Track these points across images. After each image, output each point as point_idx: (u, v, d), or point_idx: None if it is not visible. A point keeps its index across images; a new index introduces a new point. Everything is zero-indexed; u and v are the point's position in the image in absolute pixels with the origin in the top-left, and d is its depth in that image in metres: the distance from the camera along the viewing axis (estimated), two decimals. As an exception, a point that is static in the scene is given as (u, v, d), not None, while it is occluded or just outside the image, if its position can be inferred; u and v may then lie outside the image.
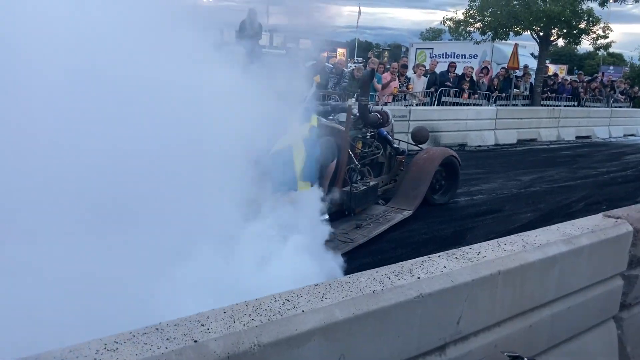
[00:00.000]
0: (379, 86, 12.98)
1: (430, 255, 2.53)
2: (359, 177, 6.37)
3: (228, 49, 5.16)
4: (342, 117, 6.42)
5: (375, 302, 2.07)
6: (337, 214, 5.83)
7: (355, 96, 7.71)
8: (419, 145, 8.04)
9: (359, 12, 41.60)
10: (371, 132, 6.87)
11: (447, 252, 2.59)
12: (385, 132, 7.20)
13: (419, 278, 2.27)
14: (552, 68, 21.60)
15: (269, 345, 1.74)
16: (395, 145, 7.46)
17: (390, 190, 7.29)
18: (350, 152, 6.20)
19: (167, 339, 1.62)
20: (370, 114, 6.65)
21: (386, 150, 7.21)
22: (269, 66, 4.93)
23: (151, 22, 3.83)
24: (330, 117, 6.51)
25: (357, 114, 6.52)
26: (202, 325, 1.72)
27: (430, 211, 7.22)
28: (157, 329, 1.67)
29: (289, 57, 6.11)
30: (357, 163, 6.33)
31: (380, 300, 2.09)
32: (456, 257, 2.53)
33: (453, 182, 7.83)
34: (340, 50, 38.48)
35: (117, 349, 1.55)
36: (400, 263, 2.41)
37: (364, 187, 6.25)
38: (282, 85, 4.83)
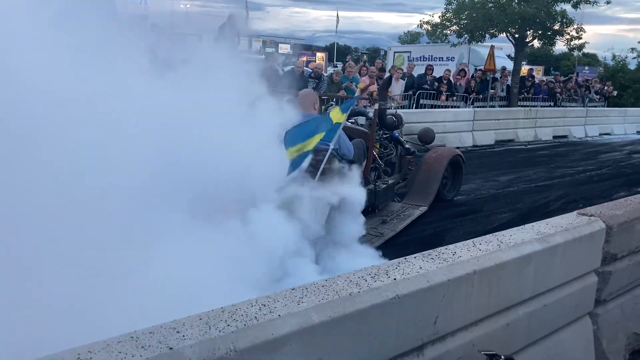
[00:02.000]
0: (358, 90, 13.04)
1: (406, 257, 2.55)
2: (378, 177, 6.81)
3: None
4: (360, 119, 7.10)
5: (352, 304, 2.09)
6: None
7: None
8: (426, 145, 8.53)
9: (337, 17, 41.77)
10: (385, 133, 7.28)
11: (423, 253, 2.61)
12: (397, 134, 7.59)
13: (395, 279, 2.29)
14: (526, 69, 21.85)
15: (245, 351, 1.74)
16: (407, 146, 7.82)
17: (401, 188, 7.63)
18: (375, 153, 6.64)
19: (142, 347, 1.62)
20: (386, 117, 7.01)
21: (397, 151, 7.60)
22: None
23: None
24: (351, 121, 6.97)
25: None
26: (178, 332, 1.72)
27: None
28: (131, 337, 1.66)
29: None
30: (381, 163, 6.83)
31: (357, 302, 2.10)
32: (432, 258, 2.55)
33: (458, 179, 8.37)
34: (319, 55, 38.63)
35: (90, 358, 1.54)
36: (376, 265, 2.43)
37: (385, 185, 6.66)
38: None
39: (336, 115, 5.05)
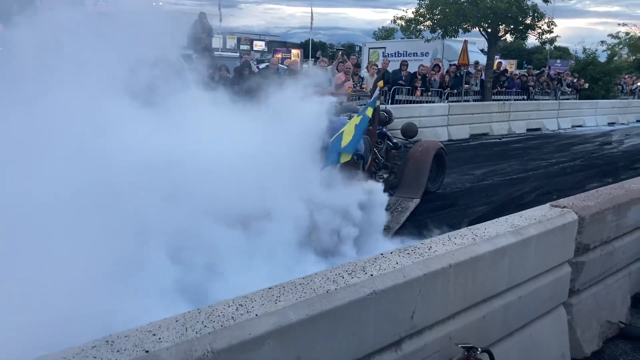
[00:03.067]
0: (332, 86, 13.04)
1: (382, 253, 2.57)
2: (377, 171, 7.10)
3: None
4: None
5: (329, 301, 2.09)
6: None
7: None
8: (409, 140, 8.72)
9: (312, 13, 41.70)
10: (377, 129, 7.38)
11: (399, 248, 2.63)
12: (384, 129, 7.82)
13: (372, 275, 2.30)
14: (502, 63, 22.15)
15: (223, 351, 1.74)
16: (395, 141, 8.04)
17: (387, 181, 7.71)
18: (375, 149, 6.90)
19: (118, 351, 1.60)
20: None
21: (384, 145, 7.81)
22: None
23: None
24: (344, 116, 7.08)
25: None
26: (154, 334, 1.71)
27: (386, 208, 7.34)
28: (107, 341, 1.64)
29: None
30: (381, 158, 7.12)
31: (334, 299, 2.11)
32: (408, 253, 2.57)
33: (442, 171, 8.64)
34: (294, 52, 38.54)
35: (65, 364, 1.52)
36: (353, 261, 2.44)
37: (382, 180, 6.89)
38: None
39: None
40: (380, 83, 6.74)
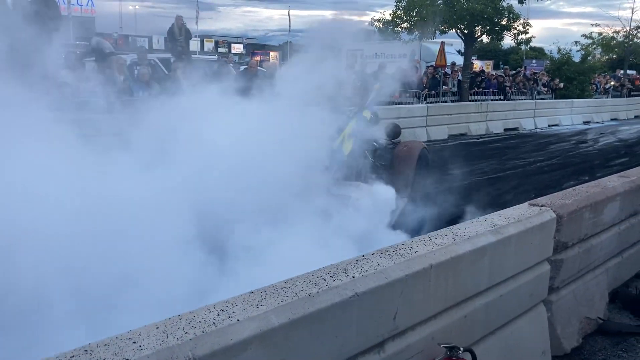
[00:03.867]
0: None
1: (364, 254, 2.56)
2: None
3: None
4: None
5: (312, 304, 2.08)
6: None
7: None
8: (393, 140, 8.56)
9: (289, 16, 41.70)
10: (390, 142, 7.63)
11: (380, 249, 2.63)
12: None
13: (353, 277, 2.30)
14: (478, 64, 22.36)
15: (205, 357, 1.72)
16: (381, 142, 8.02)
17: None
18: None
19: (97, 360, 1.57)
20: None
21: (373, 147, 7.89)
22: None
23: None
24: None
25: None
26: (134, 342, 1.68)
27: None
28: (85, 350, 1.61)
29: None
30: (372, 159, 7.20)
31: (316, 302, 2.10)
32: (389, 254, 2.57)
33: (425, 170, 8.62)
34: (272, 54, 38.49)
35: (43, 375, 1.49)
36: (335, 264, 2.43)
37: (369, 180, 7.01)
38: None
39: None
40: (377, 86, 6.87)
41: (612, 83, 29.27)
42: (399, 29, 20.48)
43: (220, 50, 44.24)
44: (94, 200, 3.50)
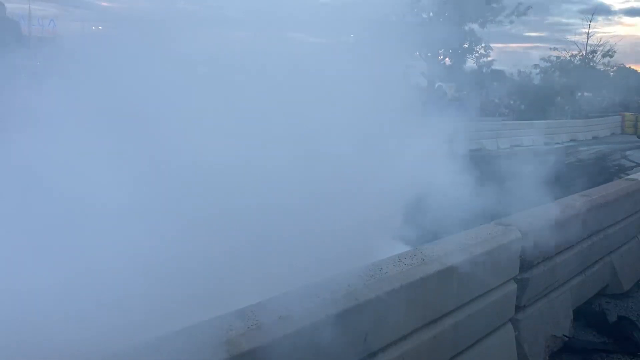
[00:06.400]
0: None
1: (334, 275, 2.55)
2: None
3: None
4: None
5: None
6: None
7: None
8: None
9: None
10: None
11: (349, 270, 2.62)
12: None
13: (324, 299, 2.28)
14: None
15: None
16: None
17: None
18: None
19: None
20: None
21: None
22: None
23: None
24: None
25: None
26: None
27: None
28: None
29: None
30: None
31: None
32: (360, 275, 2.56)
33: None
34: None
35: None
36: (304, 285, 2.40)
37: None
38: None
39: None
40: None
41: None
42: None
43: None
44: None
